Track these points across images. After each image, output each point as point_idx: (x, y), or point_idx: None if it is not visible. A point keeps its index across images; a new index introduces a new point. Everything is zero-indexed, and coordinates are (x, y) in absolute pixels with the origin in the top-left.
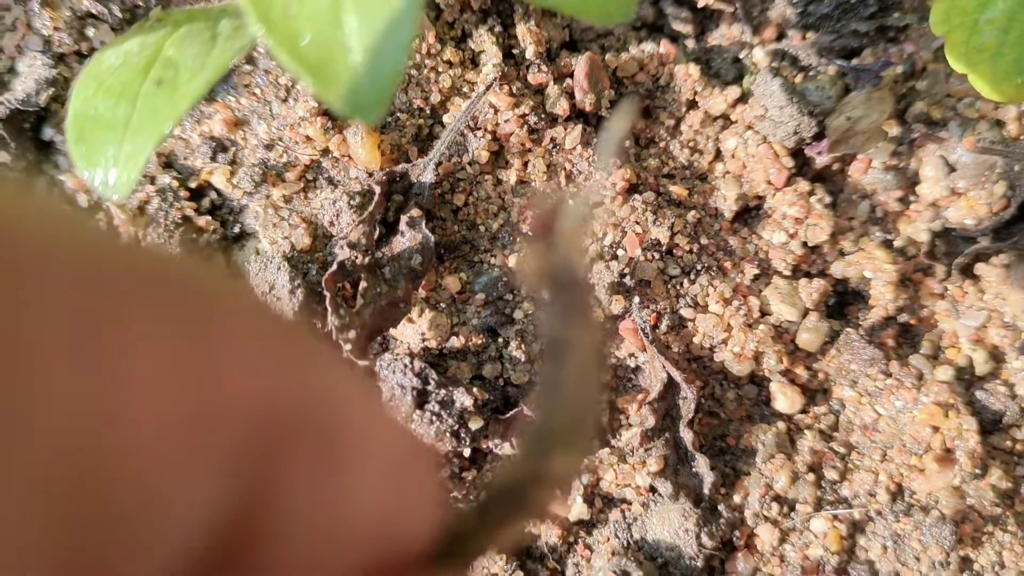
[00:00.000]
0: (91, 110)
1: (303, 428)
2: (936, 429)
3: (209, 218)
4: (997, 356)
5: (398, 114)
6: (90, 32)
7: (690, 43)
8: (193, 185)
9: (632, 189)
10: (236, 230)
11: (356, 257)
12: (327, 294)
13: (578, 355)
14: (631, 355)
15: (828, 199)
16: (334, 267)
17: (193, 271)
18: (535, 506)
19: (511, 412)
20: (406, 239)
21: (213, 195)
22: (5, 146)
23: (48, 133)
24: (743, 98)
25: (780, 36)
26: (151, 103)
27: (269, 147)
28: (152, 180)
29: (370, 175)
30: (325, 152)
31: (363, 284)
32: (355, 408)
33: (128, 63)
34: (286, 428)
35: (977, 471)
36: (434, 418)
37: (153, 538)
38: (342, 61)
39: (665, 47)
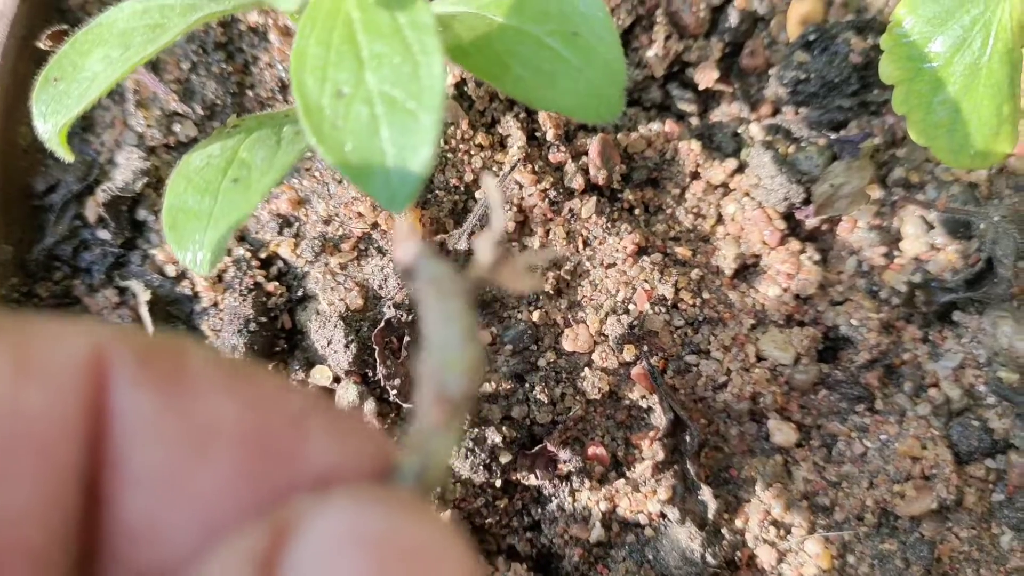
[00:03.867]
0: (182, 203)
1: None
2: (916, 459)
3: (277, 283)
4: (972, 394)
5: (436, 192)
6: (176, 128)
7: (694, 120)
8: (263, 255)
9: (641, 251)
10: (300, 293)
11: (401, 315)
12: (376, 347)
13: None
14: (643, 397)
15: (817, 256)
16: (383, 324)
17: None
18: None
19: (536, 448)
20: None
21: (280, 264)
22: (106, 225)
23: (142, 214)
24: (740, 168)
25: (775, 112)
26: (229, 197)
27: (327, 222)
28: (228, 252)
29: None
30: (374, 226)
31: (407, 338)
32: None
33: (210, 164)
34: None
35: (953, 497)
36: (469, 453)
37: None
38: (379, 165)
39: (670, 126)
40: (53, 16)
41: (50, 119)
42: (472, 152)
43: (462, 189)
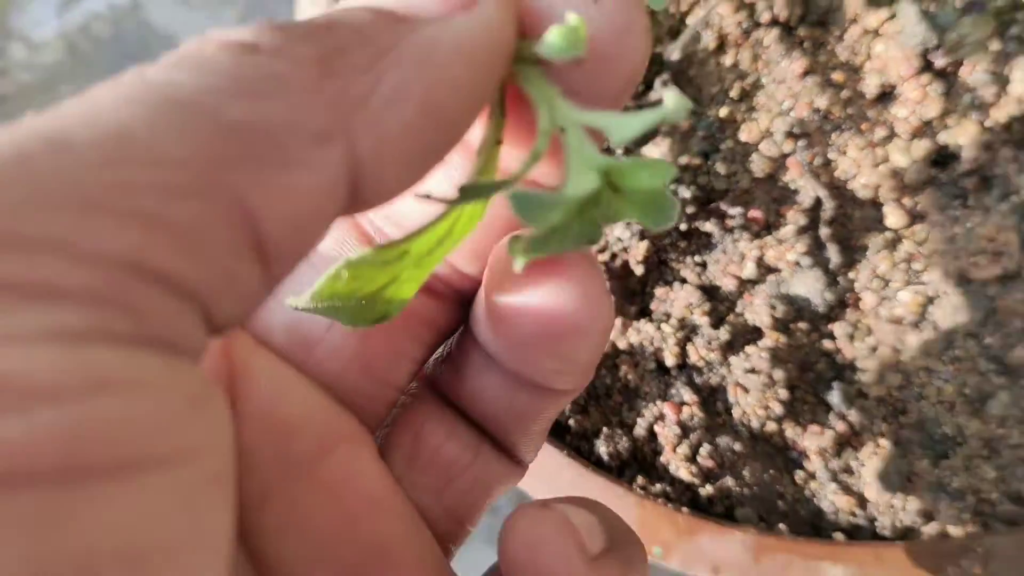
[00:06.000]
0: None
1: None
2: (991, 240)
3: None
4: None
5: (658, 16)
6: None
7: None
8: None
9: (806, 74)
10: None
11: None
12: None
13: None
14: (793, 180)
15: (941, 89)
16: None
17: None
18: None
19: (712, 204)
20: (657, 92)
21: None
22: None
23: None
24: (891, 18)
25: None
26: None
27: None
28: None
29: None
30: None
31: None
32: None
33: None
34: None
35: (1014, 268)
36: None
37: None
38: None
39: None
40: None
41: None
42: None
43: (677, 16)
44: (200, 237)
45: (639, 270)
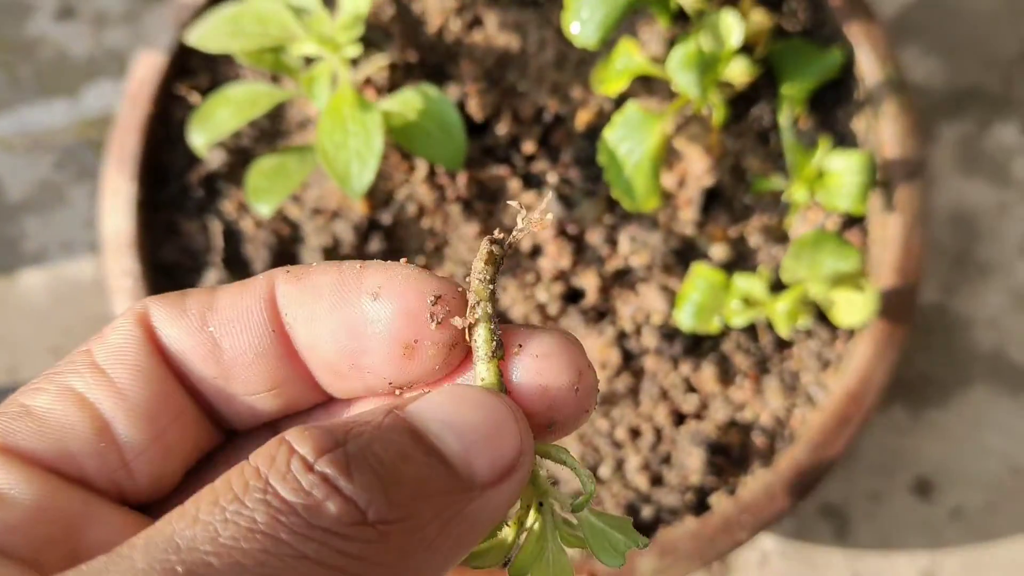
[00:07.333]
0: (256, 183)
1: None
2: (601, 355)
3: (288, 228)
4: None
5: (375, 190)
6: (243, 142)
7: (520, 168)
8: (281, 215)
9: (480, 234)
10: (299, 235)
11: (348, 252)
12: None
13: None
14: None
15: (572, 248)
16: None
17: None
18: None
19: None
20: (371, 243)
21: (290, 218)
22: (200, 186)
23: (219, 184)
24: (540, 196)
25: (565, 169)
26: (281, 182)
27: (316, 200)
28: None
29: (361, 217)
30: (341, 205)
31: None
32: None
33: (271, 166)
34: None
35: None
36: None
37: None
38: (349, 175)
39: (505, 170)
40: (184, 72)
41: (199, 138)
42: (394, 174)
43: (387, 191)
44: None
45: None
